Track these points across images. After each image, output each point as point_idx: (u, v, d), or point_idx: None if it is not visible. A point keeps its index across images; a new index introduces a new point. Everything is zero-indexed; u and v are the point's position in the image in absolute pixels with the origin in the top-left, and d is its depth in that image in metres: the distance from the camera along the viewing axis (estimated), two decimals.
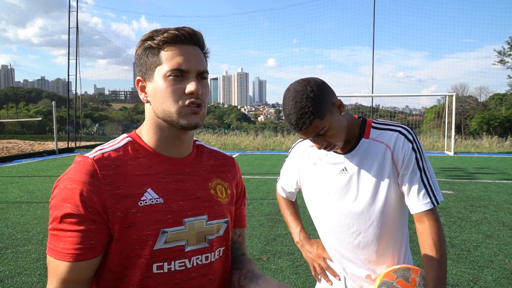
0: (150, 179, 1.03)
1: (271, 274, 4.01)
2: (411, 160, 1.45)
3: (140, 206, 0.99)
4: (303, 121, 1.37)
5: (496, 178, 9.94)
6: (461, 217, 6.14)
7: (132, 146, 1.07)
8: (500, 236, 5.22)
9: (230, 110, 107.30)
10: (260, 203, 7.13)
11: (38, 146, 20.63)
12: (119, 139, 1.10)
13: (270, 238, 5.14)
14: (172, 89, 1.01)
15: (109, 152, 1.03)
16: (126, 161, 1.03)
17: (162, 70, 1.01)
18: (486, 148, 18.14)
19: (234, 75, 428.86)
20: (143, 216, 0.99)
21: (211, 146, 1.28)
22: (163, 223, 1.01)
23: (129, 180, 1.00)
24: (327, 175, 1.57)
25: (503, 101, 38.66)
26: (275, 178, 9.88)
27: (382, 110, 28.74)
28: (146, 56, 1.04)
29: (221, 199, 1.15)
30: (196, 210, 1.07)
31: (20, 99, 65.38)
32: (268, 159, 14.76)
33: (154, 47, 1.02)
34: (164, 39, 1.01)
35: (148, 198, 1.00)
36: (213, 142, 20.32)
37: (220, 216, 1.13)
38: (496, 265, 4.25)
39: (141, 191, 1.00)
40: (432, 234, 1.41)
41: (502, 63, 35.14)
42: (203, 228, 1.08)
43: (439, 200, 1.45)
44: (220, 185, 1.17)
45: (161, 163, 1.07)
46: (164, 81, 1.01)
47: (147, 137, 1.08)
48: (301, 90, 1.38)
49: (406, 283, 1.37)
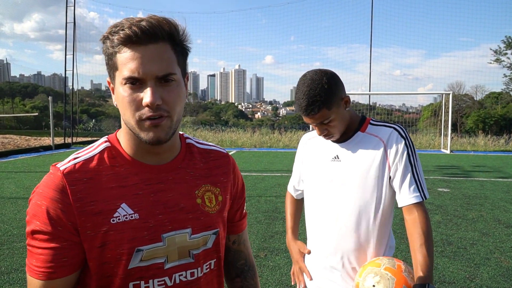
0: (126, 192, 0.94)
1: (269, 271, 4.02)
2: (403, 155, 1.54)
3: (113, 223, 0.91)
4: (312, 107, 1.49)
5: (492, 176, 9.98)
6: (458, 215, 6.17)
7: (110, 153, 0.97)
8: (496, 234, 5.25)
9: (227, 107, 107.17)
10: (258, 200, 7.13)
11: (34, 142, 20.57)
12: (97, 144, 1.00)
13: (267, 235, 5.15)
14: (129, 99, 0.88)
15: (82, 162, 0.94)
16: (100, 171, 0.94)
17: (119, 77, 0.89)
18: (482, 146, 18.22)
19: (231, 71, 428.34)
20: (115, 234, 0.91)
21: (203, 142, 1.16)
22: (138, 240, 0.92)
23: (102, 194, 0.92)
24: (320, 162, 1.68)
25: (499, 100, 38.84)
26: (273, 175, 9.94)
27: (379, 108, 28.78)
28: (107, 57, 0.92)
29: (209, 209, 1.04)
30: (177, 223, 0.98)
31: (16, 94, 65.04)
32: (265, 156, 14.76)
33: (110, 50, 0.90)
34: (118, 41, 0.87)
35: (121, 214, 0.92)
36: (210, 139, 20.31)
37: (207, 227, 1.03)
38: (492, 262, 4.27)
39: (115, 206, 0.92)
40: (422, 223, 1.47)
41: (498, 62, 35.28)
42: (186, 243, 0.99)
43: (427, 196, 1.54)
44: (210, 192, 1.06)
45: (140, 172, 0.97)
46: (122, 90, 0.89)
47: (124, 142, 0.98)
48: (317, 79, 1.49)
49: (393, 269, 1.42)
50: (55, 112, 21.17)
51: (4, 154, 14.62)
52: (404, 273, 1.41)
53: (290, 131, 23.23)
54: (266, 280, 3.83)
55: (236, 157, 14.35)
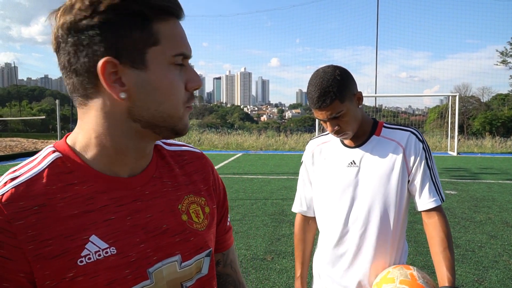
0: (94, 219, 0.70)
1: (276, 274, 4.02)
2: (422, 159, 1.53)
3: (81, 265, 0.67)
4: (324, 99, 1.45)
5: (499, 179, 9.90)
6: (465, 217, 6.14)
7: (63, 166, 0.72)
8: (504, 237, 5.21)
9: (233, 110, 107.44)
10: (264, 203, 7.13)
11: (41, 145, 20.70)
12: (42, 155, 0.74)
13: (274, 238, 5.14)
14: (178, 83, 0.72)
15: (26, 183, 0.68)
16: (54, 194, 0.69)
17: (164, 54, 0.69)
18: (489, 148, 18.10)
19: (237, 74, 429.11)
20: (86, 280, 0.67)
21: (173, 143, 0.93)
22: (119, 283, 0.70)
23: (61, 227, 0.67)
24: (336, 169, 1.61)
25: (506, 101, 38.61)
26: (279, 178, 9.94)
27: (385, 110, 28.67)
28: (125, 26, 0.66)
29: (198, 225, 0.83)
30: (162, 251, 0.76)
31: (23, 97, 65.60)
32: (271, 158, 14.75)
33: (138, 14, 0.67)
34: (156, 4, 0.68)
35: (92, 251, 0.68)
36: (216, 141, 20.34)
37: (199, 250, 0.82)
38: (501, 265, 4.24)
39: (81, 241, 0.68)
40: (443, 227, 1.48)
41: (504, 63, 35.15)
42: (177, 274, 0.78)
43: (444, 199, 1.54)
44: (195, 204, 0.85)
45: (108, 189, 0.73)
46: (168, 71, 0.70)
47: (89, 151, 0.73)
48: (330, 71, 1.48)
49: (408, 280, 1.40)
50: (62, 115, 21.28)
51: (12, 157, 14.77)
52: (419, 280, 1.38)
53: (296, 133, 23.20)
54: (273, 283, 3.82)
55: (242, 160, 14.37)
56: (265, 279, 3.90)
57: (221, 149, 18.91)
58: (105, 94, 0.69)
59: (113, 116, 0.71)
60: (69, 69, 0.69)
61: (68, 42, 0.67)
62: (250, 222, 5.88)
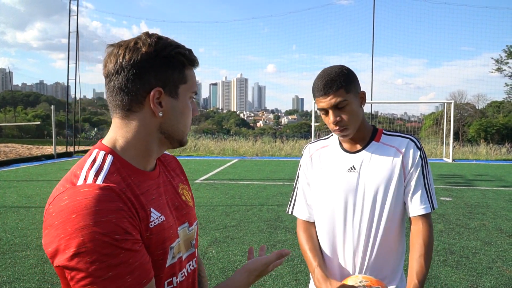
0: (147, 198, 0.98)
1: (271, 280, 4.01)
2: (418, 166, 1.56)
3: (151, 227, 0.95)
4: (330, 85, 1.49)
5: (494, 185, 9.96)
6: (460, 223, 6.15)
7: (120, 164, 0.98)
8: (498, 243, 5.24)
9: (229, 116, 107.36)
10: (260, 209, 7.12)
11: (36, 150, 20.61)
12: (101, 157, 0.97)
13: (269, 244, 5.13)
14: (190, 111, 1.05)
15: (108, 175, 0.93)
16: (126, 180, 0.96)
17: (189, 90, 1.03)
18: (484, 155, 18.19)
19: (233, 80, 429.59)
20: (155, 237, 0.96)
21: None
22: (169, 239, 1.01)
23: (138, 201, 0.95)
24: (334, 173, 1.62)
25: (501, 109, 38.85)
26: (275, 184, 9.93)
27: (381, 117, 28.79)
28: (168, 68, 0.97)
29: (190, 203, 1.17)
30: (179, 219, 1.09)
31: (18, 102, 65.33)
32: (267, 165, 14.76)
33: (177, 62, 0.99)
34: (189, 58, 1.01)
35: (155, 218, 0.97)
36: (212, 147, 20.32)
37: (193, 220, 1.17)
38: (495, 271, 4.26)
39: (149, 212, 0.96)
40: (424, 235, 1.52)
41: (499, 71, 35.37)
42: (188, 235, 1.11)
43: (435, 206, 1.57)
44: (185, 189, 1.19)
45: (146, 180, 1.02)
46: (188, 102, 1.03)
47: (129, 152, 1.00)
48: (338, 67, 1.55)
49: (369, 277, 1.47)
50: (57, 121, 21.21)
51: (6, 163, 14.66)
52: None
53: (292, 139, 23.22)
54: None
55: (238, 165, 14.36)
56: (260, 285, 3.88)
57: (217, 155, 18.90)
58: (146, 111, 0.98)
59: (149, 128, 1.00)
60: (124, 90, 0.96)
61: (130, 71, 0.94)
62: (246, 228, 5.87)
